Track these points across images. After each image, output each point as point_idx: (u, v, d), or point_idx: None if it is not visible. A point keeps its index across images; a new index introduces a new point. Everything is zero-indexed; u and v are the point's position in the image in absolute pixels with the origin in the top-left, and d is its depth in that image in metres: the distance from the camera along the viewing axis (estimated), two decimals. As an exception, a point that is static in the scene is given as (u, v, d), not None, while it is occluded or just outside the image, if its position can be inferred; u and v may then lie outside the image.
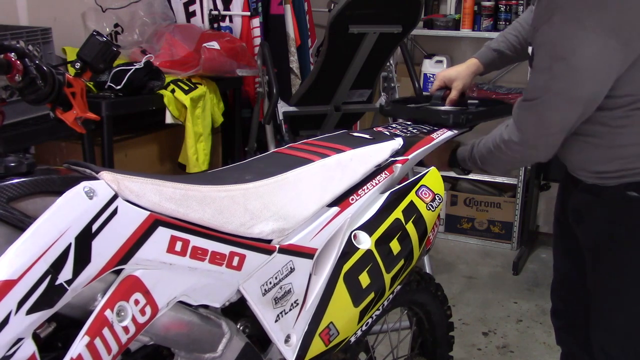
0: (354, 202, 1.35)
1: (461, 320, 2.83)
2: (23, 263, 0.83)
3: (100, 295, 0.96)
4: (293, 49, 3.42)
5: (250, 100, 3.42)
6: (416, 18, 2.65)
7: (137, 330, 1.00)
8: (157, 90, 2.58)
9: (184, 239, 1.04)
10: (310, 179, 1.28)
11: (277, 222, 1.20)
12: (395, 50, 2.91)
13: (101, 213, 0.92)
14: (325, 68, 2.65)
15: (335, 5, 2.53)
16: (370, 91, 2.97)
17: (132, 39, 2.92)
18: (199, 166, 2.78)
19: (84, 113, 1.27)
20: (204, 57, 2.73)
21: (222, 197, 1.12)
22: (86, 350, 0.92)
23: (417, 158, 1.55)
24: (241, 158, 3.11)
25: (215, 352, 1.17)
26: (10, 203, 0.88)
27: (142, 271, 0.99)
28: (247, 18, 3.31)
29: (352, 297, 1.34)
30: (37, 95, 1.18)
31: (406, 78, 3.33)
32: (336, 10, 2.45)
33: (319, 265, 1.31)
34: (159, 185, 1.03)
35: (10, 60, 1.12)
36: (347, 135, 1.52)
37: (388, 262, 1.39)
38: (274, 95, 2.76)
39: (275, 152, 1.44)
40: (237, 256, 1.12)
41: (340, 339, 1.35)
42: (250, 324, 1.26)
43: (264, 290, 1.20)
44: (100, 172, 0.97)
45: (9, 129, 1.99)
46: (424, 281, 1.73)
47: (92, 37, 1.29)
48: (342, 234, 1.33)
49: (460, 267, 3.47)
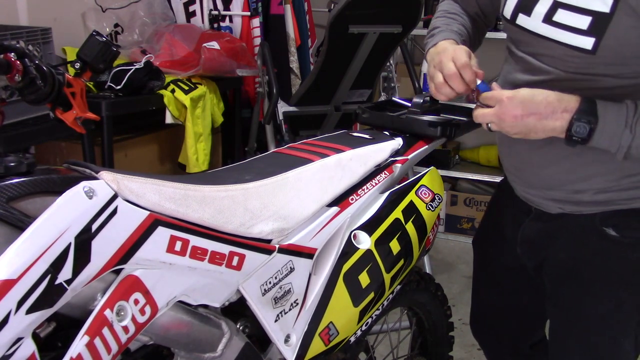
0: (353, 202, 1.35)
1: (461, 320, 2.83)
2: (23, 262, 0.83)
3: (100, 294, 0.97)
4: (293, 49, 3.42)
5: (250, 100, 3.42)
6: (416, 18, 2.65)
7: (137, 330, 1.00)
8: (157, 90, 2.58)
9: (184, 238, 1.04)
10: (310, 179, 1.28)
11: (277, 222, 1.20)
12: (395, 50, 2.92)
13: (101, 213, 0.92)
14: (325, 68, 2.65)
15: (335, 5, 2.53)
16: (370, 91, 2.97)
17: (132, 39, 2.92)
18: (199, 166, 2.78)
19: (83, 113, 1.27)
20: (204, 57, 2.73)
21: (222, 197, 1.12)
22: (86, 349, 0.92)
23: (417, 158, 1.55)
24: (241, 158, 3.11)
25: (215, 352, 1.17)
26: (10, 203, 0.88)
27: (141, 271, 0.99)
28: (247, 18, 3.31)
29: (352, 297, 1.34)
30: (37, 95, 1.18)
31: (406, 78, 3.33)
32: (336, 10, 2.45)
33: (319, 265, 1.31)
34: (159, 185, 1.03)
35: (10, 60, 1.13)
36: (347, 135, 1.52)
37: (388, 262, 1.39)
38: (274, 95, 2.76)
39: (275, 152, 1.44)
40: (236, 256, 1.13)
41: (340, 339, 1.35)
42: (250, 323, 1.26)
43: (263, 290, 1.20)
44: (100, 172, 0.97)
45: (9, 129, 1.99)
46: (424, 281, 1.73)
47: (92, 37, 1.30)
48: (341, 233, 1.33)
49: (460, 267, 3.47)
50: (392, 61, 3.10)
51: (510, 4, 1.26)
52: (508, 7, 1.26)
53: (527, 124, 1.13)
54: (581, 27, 1.11)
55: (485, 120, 1.19)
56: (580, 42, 1.12)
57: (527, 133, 1.15)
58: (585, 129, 1.10)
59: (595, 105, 1.10)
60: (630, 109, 1.09)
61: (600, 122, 1.09)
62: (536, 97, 1.13)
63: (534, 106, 1.12)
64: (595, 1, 1.09)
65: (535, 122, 1.13)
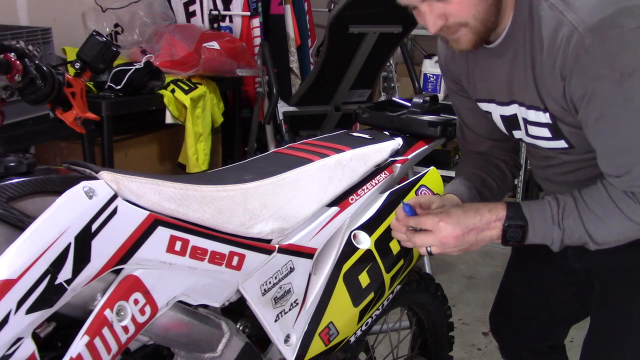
0: (353, 202, 1.35)
1: (461, 320, 2.83)
2: (23, 262, 0.83)
3: (100, 294, 0.97)
4: (293, 49, 3.42)
5: (250, 100, 3.42)
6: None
7: (137, 329, 1.00)
8: (157, 90, 2.58)
9: (184, 238, 1.04)
10: (310, 179, 1.28)
11: (277, 222, 1.20)
12: (395, 50, 2.92)
13: (101, 213, 0.92)
14: (325, 68, 2.65)
15: (335, 5, 2.53)
16: (370, 91, 2.97)
17: (132, 39, 2.92)
18: (199, 166, 2.78)
19: (83, 113, 1.27)
20: (204, 57, 2.73)
21: (222, 197, 1.12)
22: (86, 349, 0.92)
23: (417, 158, 1.55)
24: (241, 158, 3.11)
25: (215, 352, 1.17)
26: (10, 203, 0.88)
27: (141, 271, 0.99)
28: (247, 18, 3.31)
29: (352, 297, 1.34)
30: (37, 95, 1.18)
31: (406, 78, 3.34)
32: (336, 10, 2.45)
33: (319, 265, 1.31)
34: (159, 185, 1.03)
35: (10, 60, 1.13)
36: (347, 135, 1.52)
37: (388, 261, 1.39)
38: (274, 95, 2.76)
39: (275, 152, 1.44)
40: (236, 256, 1.13)
41: (340, 339, 1.35)
42: (250, 323, 1.26)
43: (263, 290, 1.20)
44: (100, 172, 0.97)
45: (9, 129, 1.99)
46: (424, 281, 1.73)
47: (92, 37, 1.30)
48: (341, 233, 1.33)
49: (460, 267, 3.47)
50: (392, 61, 3.10)
51: (502, 127, 1.32)
52: (502, 129, 1.33)
53: (468, 240, 1.18)
54: (547, 135, 1.21)
55: (426, 245, 1.20)
56: (557, 144, 1.22)
57: (468, 248, 1.20)
58: (518, 234, 1.17)
59: (520, 209, 1.17)
60: (553, 206, 1.16)
61: (529, 224, 1.16)
62: (468, 213, 1.18)
63: (470, 222, 1.17)
64: (540, 116, 1.18)
65: (475, 236, 1.18)
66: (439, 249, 1.19)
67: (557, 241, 1.17)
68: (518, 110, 1.23)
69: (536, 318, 1.59)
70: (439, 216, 1.17)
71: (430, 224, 1.18)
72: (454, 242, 1.17)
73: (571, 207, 1.14)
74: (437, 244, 1.18)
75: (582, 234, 1.14)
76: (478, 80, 1.30)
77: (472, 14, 1.10)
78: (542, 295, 1.56)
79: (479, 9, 1.09)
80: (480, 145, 1.45)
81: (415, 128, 1.55)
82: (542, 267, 1.53)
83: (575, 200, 1.15)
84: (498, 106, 1.28)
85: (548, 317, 1.57)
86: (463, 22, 1.11)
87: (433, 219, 1.17)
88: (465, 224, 1.16)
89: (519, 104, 1.22)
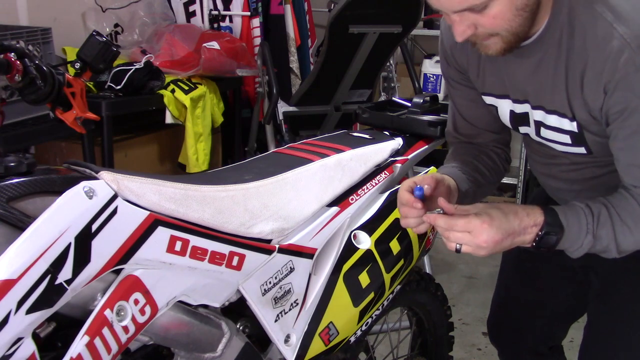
0: (353, 202, 1.35)
1: (461, 320, 2.83)
2: (23, 262, 0.83)
3: (100, 294, 0.97)
4: (293, 49, 3.42)
5: (250, 100, 3.42)
6: (416, 18, 2.65)
7: (137, 329, 1.00)
8: (157, 90, 2.58)
9: (184, 238, 1.04)
10: (310, 179, 1.28)
11: (277, 222, 1.20)
12: (395, 50, 2.92)
13: (101, 213, 0.92)
14: (325, 68, 2.65)
15: (335, 5, 2.53)
16: (370, 91, 2.97)
17: (132, 39, 2.92)
18: (199, 166, 2.78)
19: (83, 113, 1.27)
20: (204, 57, 2.73)
21: (222, 197, 1.12)
22: (86, 349, 0.92)
23: (417, 158, 1.55)
24: (241, 158, 3.11)
25: (215, 352, 1.17)
26: (10, 203, 0.88)
27: (141, 271, 0.99)
28: (247, 18, 3.31)
29: (352, 297, 1.34)
30: (37, 95, 1.18)
31: (406, 78, 3.34)
32: (336, 10, 2.45)
33: (319, 265, 1.31)
34: (159, 185, 1.03)
35: (10, 60, 1.13)
36: (347, 135, 1.52)
37: (388, 262, 1.39)
38: (274, 95, 2.76)
39: (275, 152, 1.44)
40: (236, 256, 1.13)
41: (340, 339, 1.35)
42: (250, 323, 1.26)
43: (263, 290, 1.20)
44: (100, 172, 0.97)
45: (9, 129, 1.99)
46: (424, 281, 1.73)
47: (92, 37, 1.30)
48: (341, 233, 1.33)
49: (460, 267, 3.47)
50: (392, 61, 3.10)
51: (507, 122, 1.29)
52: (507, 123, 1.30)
53: (503, 245, 1.12)
54: (566, 141, 1.19)
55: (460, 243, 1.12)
56: (575, 150, 1.20)
57: (498, 251, 1.14)
58: (553, 240, 1.12)
59: (557, 216, 1.12)
60: (587, 215, 1.12)
61: (566, 232, 1.12)
62: (509, 216, 1.11)
63: (509, 227, 1.11)
64: (565, 123, 1.15)
65: (511, 241, 1.12)
66: (471, 250, 1.12)
67: (584, 249, 1.13)
68: (531, 111, 1.21)
69: (537, 317, 1.58)
70: (481, 218, 1.10)
71: (472, 226, 1.09)
72: (492, 246, 1.10)
73: (605, 217, 1.11)
74: (474, 245, 1.11)
75: (611, 243, 1.12)
76: (489, 75, 1.26)
77: (505, 28, 1.05)
78: (540, 294, 1.56)
79: (513, 23, 1.05)
80: (474, 137, 1.42)
81: (415, 128, 1.55)
82: (539, 265, 1.52)
83: (608, 210, 1.12)
84: (511, 102, 1.24)
85: (548, 315, 1.57)
86: (494, 33, 1.07)
87: (476, 221, 1.09)
88: (506, 228, 1.10)
89: (535, 107, 1.19)
